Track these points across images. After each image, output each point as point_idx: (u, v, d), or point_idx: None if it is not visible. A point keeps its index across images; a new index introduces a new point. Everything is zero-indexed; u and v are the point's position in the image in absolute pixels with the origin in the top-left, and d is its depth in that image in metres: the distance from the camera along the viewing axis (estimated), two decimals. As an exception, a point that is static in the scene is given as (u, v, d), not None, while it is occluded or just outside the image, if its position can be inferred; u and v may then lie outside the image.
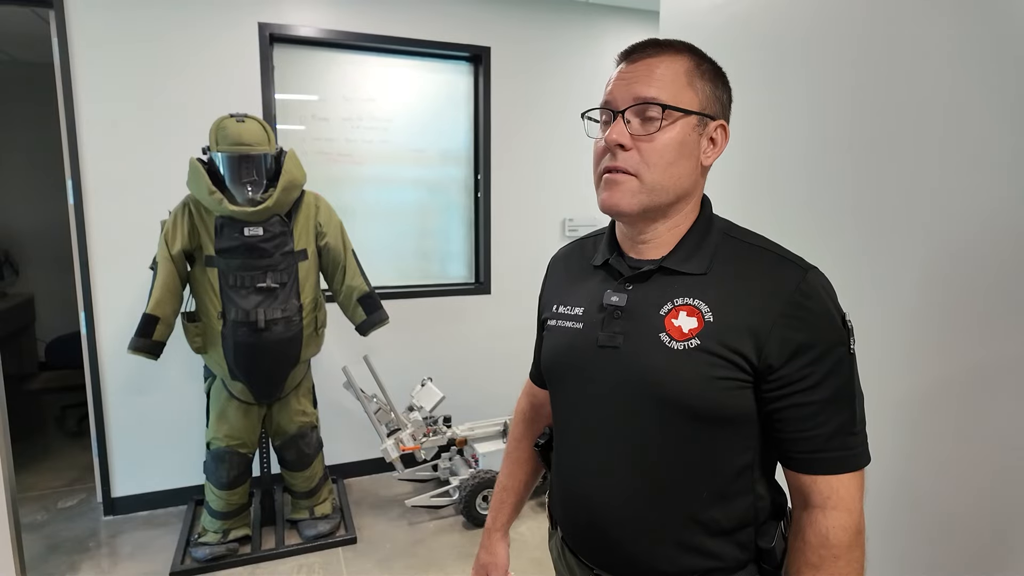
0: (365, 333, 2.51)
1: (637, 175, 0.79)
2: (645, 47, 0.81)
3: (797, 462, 0.79)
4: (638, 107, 0.79)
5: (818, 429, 0.76)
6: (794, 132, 1.40)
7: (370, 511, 2.80)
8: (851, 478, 0.77)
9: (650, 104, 0.78)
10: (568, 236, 3.40)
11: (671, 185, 0.80)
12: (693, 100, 0.79)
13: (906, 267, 1.15)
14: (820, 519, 0.77)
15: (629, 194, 0.80)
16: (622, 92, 0.80)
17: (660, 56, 0.80)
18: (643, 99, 0.78)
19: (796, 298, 0.75)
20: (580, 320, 0.87)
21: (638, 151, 0.79)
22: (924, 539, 1.15)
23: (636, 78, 0.80)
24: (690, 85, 0.80)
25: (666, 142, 0.78)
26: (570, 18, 3.25)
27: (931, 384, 1.13)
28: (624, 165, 0.79)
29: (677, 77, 0.79)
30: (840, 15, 1.27)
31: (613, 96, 0.82)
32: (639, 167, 0.79)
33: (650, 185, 0.79)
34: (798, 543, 0.79)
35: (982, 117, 1.02)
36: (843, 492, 0.77)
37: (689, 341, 0.77)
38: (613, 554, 0.86)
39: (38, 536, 2.55)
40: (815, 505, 0.78)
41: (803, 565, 0.78)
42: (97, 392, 2.65)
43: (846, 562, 0.76)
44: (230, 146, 2.11)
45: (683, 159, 0.80)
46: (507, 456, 1.12)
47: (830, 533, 0.76)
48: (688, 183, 0.82)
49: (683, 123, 0.79)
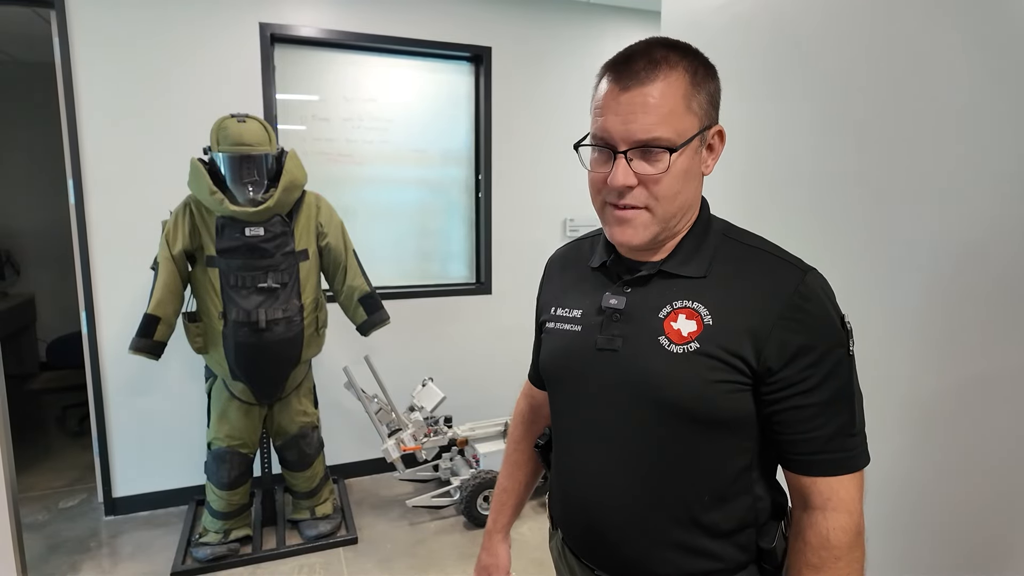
0: (366, 333, 2.51)
1: (648, 209, 0.78)
2: (636, 70, 0.74)
3: (797, 464, 0.79)
4: (641, 148, 0.75)
5: (817, 431, 0.76)
6: (797, 134, 1.39)
7: (371, 511, 2.80)
8: (851, 479, 0.77)
9: (654, 150, 0.74)
10: (569, 236, 3.39)
11: (680, 211, 0.80)
12: (694, 123, 0.76)
13: (910, 270, 1.15)
14: (820, 520, 0.77)
15: (642, 228, 0.79)
16: (619, 129, 0.75)
17: (655, 81, 0.73)
18: (646, 143, 0.74)
19: (795, 300, 0.75)
20: (578, 323, 0.87)
21: (646, 188, 0.77)
22: (925, 540, 1.15)
23: (633, 113, 0.74)
24: (688, 108, 0.75)
25: (674, 175, 0.76)
26: (571, 18, 3.24)
27: (933, 387, 1.13)
28: (633, 202, 0.78)
29: (676, 105, 0.74)
30: (843, 15, 1.26)
31: (608, 132, 0.76)
32: (649, 202, 0.77)
33: (661, 216, 0.79)
34: (798, 544, 0.79)
35: (987, 120, 1.02)
36: (843, 493, 0.77)
37: (688, 344, 0.77)
38: (613, 556, 0.86)
39: (39, 536, 2.55)
40: (815, 507, 0.78)
41: (803, 566, 0.78)
42: (98, 392, 2.65)
43: (847, 563, 0.76)
44: (231, 146, 2.11)
45: (689, 182, 0.79)
46: (507, 458, 1.12)
47: (831, 534, 0.76)
48: (694, 199, 0.82)
49: (688, 150, 0.76)
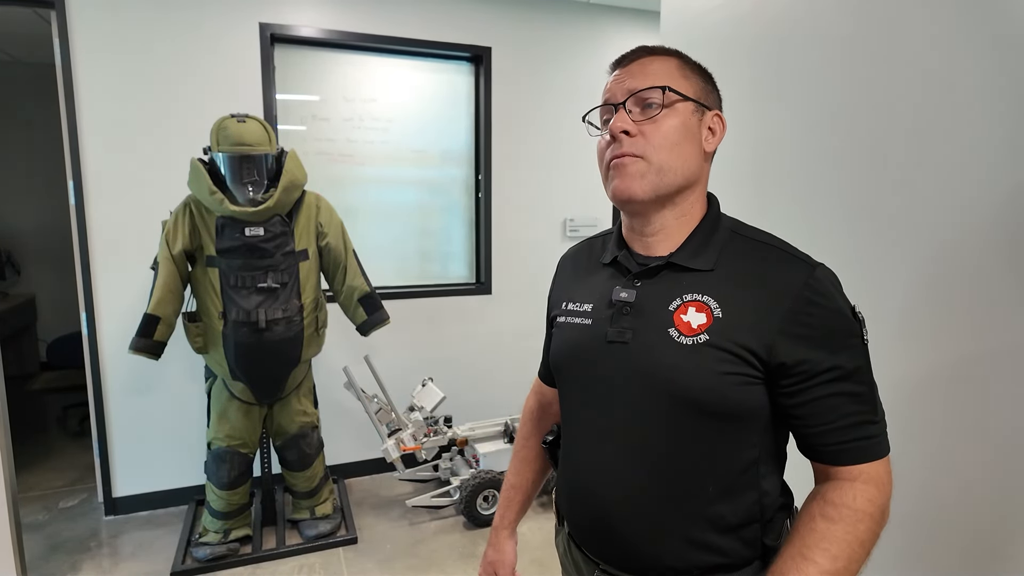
0: (366, 333, 2.51)
1: (644, 156, 0.81)
2: (636, 53, 0.86)
3: (825, 454, 0.78)
4: (637, 96, 0.82)
5: (841, 421, 0.76)
6: (792, 131, 1.40)
7: (371, 511, 2.80)
8: (881, 463, 0.77)
9: (650, 90, 0.81)
10: (569, 236, 3.40)
11: (678, 166, 0.81)
12: (688, 89, 0.83)
13: (896, 263, 1.16)
14: (848, 487, 0.76)
15: (639, 176, 0.81)
16: (619, 88, 0.84)
17: (651, 57, 0.85)
18: (642, 91, 0.82)
19: (806, 294, 0.76)
20: (589, 316, 0.88)
21: (643, 135, 0.81)
22: (921, 533, 1.15)
23: (631, 75, 0.84)
24: (684, 77, 0.84)
25: (670, 123, 0.81)
26: (571, 18, 3.25)
27: (921, 379, 1.13)
28: (630, 149, 0.81)
29: (671, 71, 0.83)
30: (842, 15, 1.27)
31: (612, 93, 0.85)
32: (645, 148, 0.80)
33: (657, 165, 0.80)
34: (816, 501, 0.77)
35: (980, 116, 1.03)
36: (872, 472, 0.76)
37: (698, 336, 0.77)
38: (619, 549, 0.86)
39: (39, 536, 2.55)
40: (846, 478, 0.77)
41: (818, 515, 0.75)
42: (98, 392, 2.65)
43: (866, 527, 0.74)
44: (231, 146, 2.11)
45: (687, 142, 0.82)
46: (515, 454, 1.13)
47: (858, 498, 0.74)
48: (694, 166, 0.83)
49: (683, 107, 0.82)
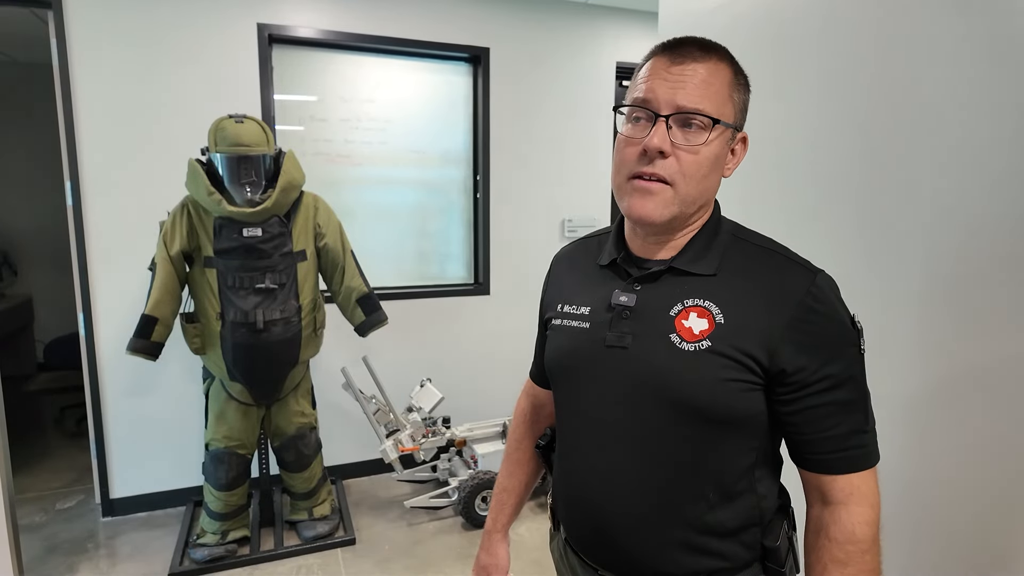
0: (364, 334, 2.51)
1: (673, 184, 0.77)
2: (690, 47, 0.77)
3: (815, 463, 0.79)
4: (684, 115, 0.76)
5: (834, 429, 0.77)
6: (796, 134, 1.39)
7: (369, 512, 2.80)
8: (869, 474, 0.78)
9: (699, 116, 0.75)
10: (567, 237, 3.39)
11: (701, 198, 0.80)
12: (731, 114, 0.79)
13: (908, 267, 1.16)
14: (844, 516, 0.77)
15: (662, 205, 0.77)
16: (666, 94, 0.76)
17: (706, 62, 0.77)
18: (692, 110, 0.75)
19: (807, 301, 0.75)
20: (587, 320, 0.86)
21: (677, 160, 0.76)
22: (926, 538, 1.15)
23: (682, 82, 0.76)
24: (730, 98, 0.78)
25: (707, 155, 0.77)
26: (570, 19, 3.25)
27: (931, 385, 1.13)
28: (662, 173, 0.76)
29: (722, 89, 0.77)
30: (842, 16, 1.27)
31: (655, 95, 0.77)
32: (676, 177, 0.76)
33: (683, 196, 0.78)
34: (821, 541, 0.78)
35: (985, 118, 1.02)
36: (864, 488, 0.77)
37: (700, 342, 0.76)
38: (618, 555, 0.85)
39: (36, 537, 2.54)
40: (837, 501, 0.78)
41: (829, 562, 0.77)
42: (96, 393, 2.64)
43: (872, 556, 0.77)
44: (229, 147, 2.11)
45: (714, 172, 0.80)
46: (507, 457, 1.12)
47: (856, 528, 0.76)
48: (713, 191, 0.82)
49: (722, 138, 0.78)
